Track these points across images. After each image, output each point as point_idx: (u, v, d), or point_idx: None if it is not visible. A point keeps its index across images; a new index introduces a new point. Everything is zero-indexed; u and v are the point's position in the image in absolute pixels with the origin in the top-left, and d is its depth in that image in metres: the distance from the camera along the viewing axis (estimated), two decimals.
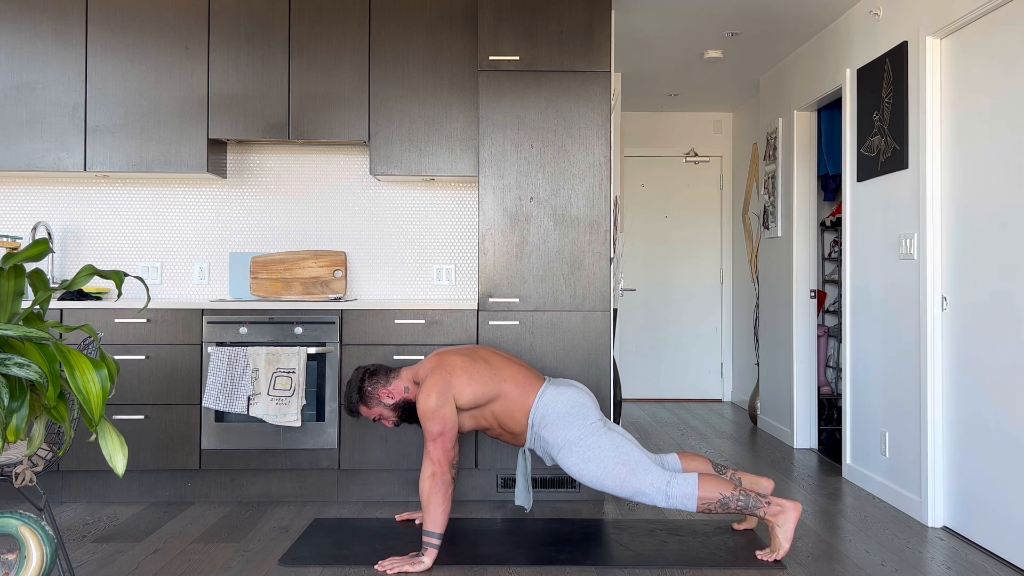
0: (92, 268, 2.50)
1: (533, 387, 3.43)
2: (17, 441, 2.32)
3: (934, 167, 3.81)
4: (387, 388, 3.49)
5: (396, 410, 3.50)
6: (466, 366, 3.42)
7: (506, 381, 3.42)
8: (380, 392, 3.48)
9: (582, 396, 3.43)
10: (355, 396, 3.49)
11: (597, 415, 3.42)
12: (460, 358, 3.45)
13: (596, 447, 3.31)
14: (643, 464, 3.28)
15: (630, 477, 3.26)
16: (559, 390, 3.42)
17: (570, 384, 3.50)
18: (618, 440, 3.34)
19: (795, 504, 3.24)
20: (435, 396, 3.32)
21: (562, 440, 3.34)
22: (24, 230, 4.69)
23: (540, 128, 4.20)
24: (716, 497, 3.21)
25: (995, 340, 3.37)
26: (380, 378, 3.50)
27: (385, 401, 3.48)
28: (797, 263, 5.52)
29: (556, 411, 3.37)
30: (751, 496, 3.22)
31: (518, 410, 3.41)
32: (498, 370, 3.44)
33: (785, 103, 5.77)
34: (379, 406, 3.49)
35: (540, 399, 3.40)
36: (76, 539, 3.52)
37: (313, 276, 4.62)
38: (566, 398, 3.40)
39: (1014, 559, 3.25)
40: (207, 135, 4.34)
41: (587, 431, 3.34)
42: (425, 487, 3.19)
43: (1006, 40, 3.32)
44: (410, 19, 4.37)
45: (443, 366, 3.41)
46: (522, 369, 3.50)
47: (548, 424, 3.36)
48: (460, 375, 3.39)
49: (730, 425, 6.33)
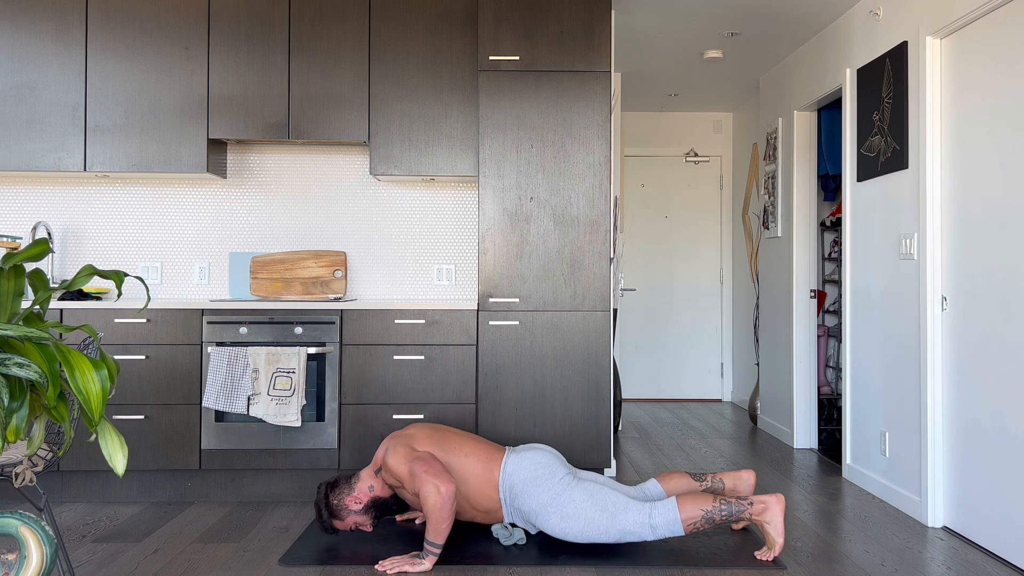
0: (92, 268, 2.50)
1: (495, 460, 3.42)
2: (17, 441, 2.32)
3: (934, 167, 3.81)
4: (352, 495, 3.46)
5: (368, 512, 3.48)
6: (425, 433, 3.44)
7: (467, 456, 3.40)
8: (346, 501, 3.45)
9: (544, 456, 3.41)
10: (325, 513, 3.45)
11: (564, 470, 3.39)
12: (417, 429, 3.47)
13: (571, 502, 3.28)
14: (621, 504, 3.26)
15: (612, 521, 3.24)
16: (520, 456, 3.41)
17: (529, 448, 3.48)
18: (590, 488, 3.31)
19: (777, 497, 3.24)
20: (402, 450, 3.33)
21: (536, 505, 3.32)
22: (24, 230, 4.69)
23: (540, 128, 4.20)
24: (699, 515, 3.20)
25: (995, 340, 3.37)
26: (342, 488, 3.47)
27: (354, 507, 3.46)
28: (797, 263, 5.52)
29: (522, 479, 3.35)
30: (732, 503, 3.22)
31: (486, 486, 3.39)
32: (458, 445, 3.43)
33: (785, 103, 5.77)
34: (350, 515, 3.46)
35: (504, 470, 3.38)
36: (76, 539, 3.52)
37: (313, 276, 4.62)
38: (528, 463, 3.38)
39: (1014, 559, 3.25)
40: (207, 135, 4.34)
41: (557, 489, 3.31)
42: (431, 501, 3.16)
43: (1006, 40, 3.33)
44: (410, 19, 4.37)
45: (400, 436, 3.43)
46: (480, 443, 3.47)
47: (518, 494, 3.35)
48: (421, 441, 3.40)
49: (730, 425, 6.33)
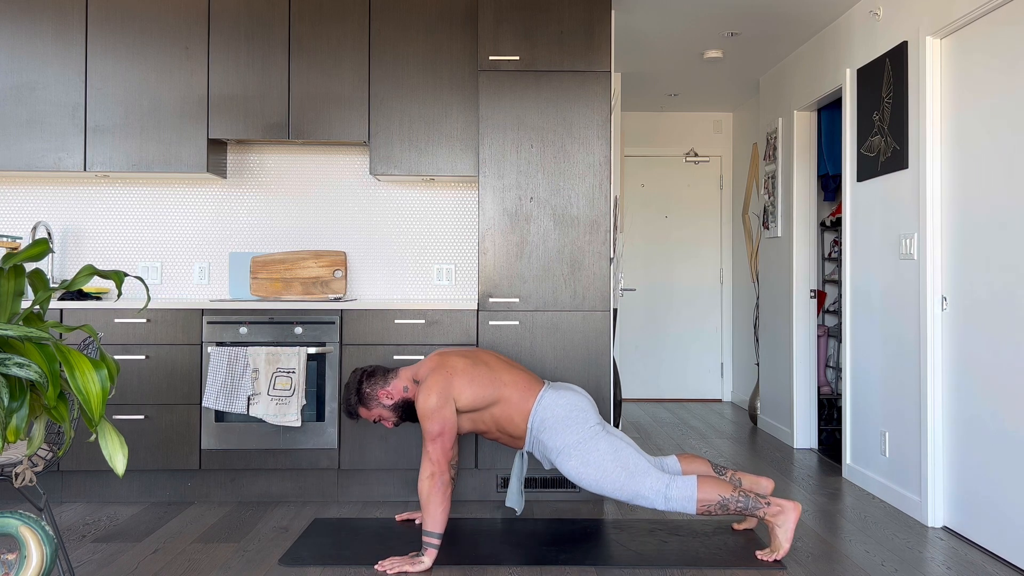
0: (92, 268, 2.50)
1: (532, 391, 3.43)
2: (17, 441, 2.32)
3: (934, 167, 3.81)
4: (386, 388, 3.47)
5: (396, 410, 3.48)
6: (467, 368, 3.41)
7: (506, 385, 3.41)
8: (379, 393, 3.46)
9: (581, 400, 3.43)
10: (353, 398, 3.47)
11: (596, 419, 3.41)
12: (461, 360, 3.44)
13: (595, 451, 3.30)
14: (642, 467, 3.28)
15: (629, 480, 3.26)
16: (558, 394, 3.42)
17: (569, 388, 3.49)
18: (617, 444, 3.33)
19: (795, 504, 3.24)
20: (435, 396, 3.31)
21: (561, 444, 3.33)
22: (24, 230, 4.69)
23: (540, 128, 4.20)
24: (715, 499, 3.21)
25: (995, 340, 3.37)
26: (378, 379, 3.48)
27: (384, 402, 3.47)
28: (797, 263, 5.52)
29: (555, 415, 3.36)
30: (750, 497, 3.22)
31: (517, 414, 3.40)
32: (498, 374, 3.43)
33: (785, 103, 5.77)
34: (378, 407, 3.47)
35: (539, 403, 3.39)
36: (76, 539, 3.52)
37: (313, 276, 4.62)
38: (565, 402, 3.39)
39: (1014, 559, 3.25)
40: (207, 135, 4.34)
41: (586, 435, 3.33)
42: (424, 487, 3.19)
43: (1006, 40, 3.32)
44: (410, 19, 4.37)
45: (444, 367, 3.40)
46: (522, 373, 3.49)
47: (547, 428, 3.36)
48: (461, 377, 3.38)
49: (730, 425, 6.33)
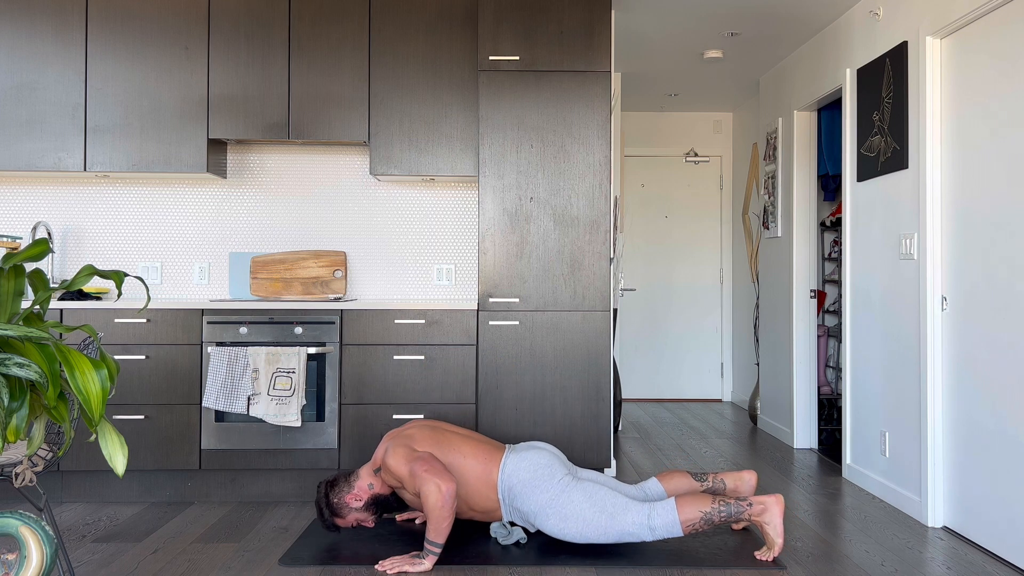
0: (92, 268, 2.50)
1: (494, 460, 3.41)
2: (17, 441, 2.32)
3: (934, 167, 3.81)
4: (352, 492, 3.46)
5: (368, 509, 3.48)
6: (425, 432, 3.44)
7: (466, 457, 3.40)
8: (347, 499, 3.45)
9: (542, 456, 3.40)
10: (326, 512, 3.45)
11: (563, 471, 3.38)
12: (417, 429, 3.47)
13: (569, 503, 3.28)
14: (620, 505, 3.26)
15: (611, 522, 3.24)
16: (519, 457, 3.40)
17: (529, 447, 3.47)
18: (589, 489, 3.31)
19: (777, 498, 3.24)
20: (402, 450, 3.33)
21: (535, 506, 3.32)
22: (24, 230, 4.69)
23: (540, 128, 4.20)
24: (698, 516, 3.20)
25: (995, 340, 3.37)
26: (341, 486, 3.47)
27: (354, 505, 3.46)
28: (797, 263, 5.52)
29: (521, 480, 3.35)
30: (731, 504, 3.22)
31: (484, 486, 3.38)
32: (457, 446, 3.43)
33: (785, 103, 5.77)
34: (351, 512, 3.46)
35: (503, 471, 3.38)
36: (76, 539, 3.52)
37: (313, 276, 4.62)
38: (527, 464, 3.37)
39: (1014, 559, 3.25)
40: (207, 135, 4.34)
41: (557, 490, 3.31)
42: (431, 500, 3.16)
43: (1006, 40, 3.32)
44: (410, 19, 4.37)
45: (399, 436, 3.43)
46: (479, 443, 3.47)
47: (516, 495, 3.35)
48: (420, 441, 3.40)
49: (730, 425, 6.33)
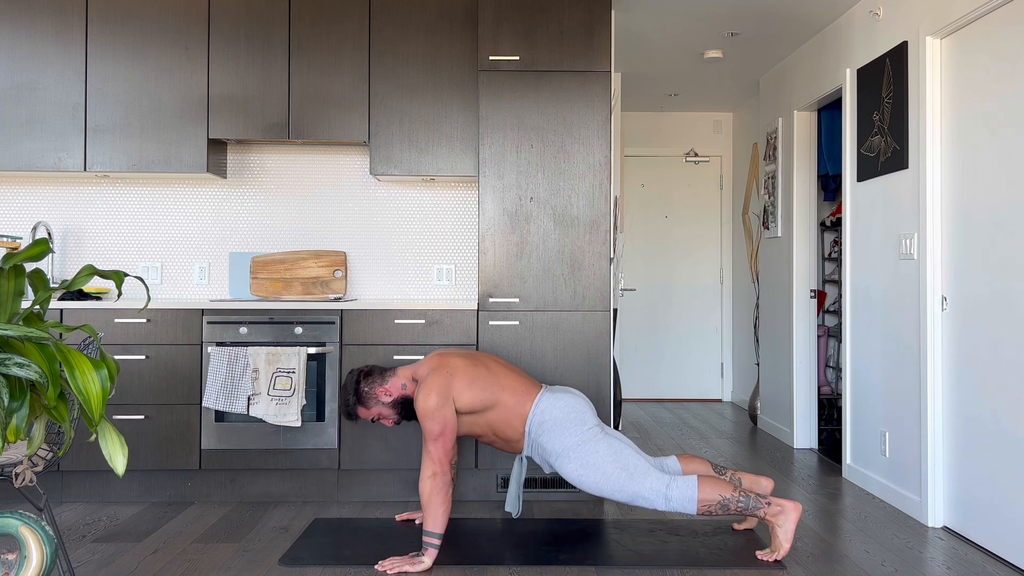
0: (92, 268, 2.50)
1: (530, 394, 3.42)
2: (17, 441, 2.32)
3: (934, 167, 3.81)
4: (384, 386, 3.46)
5: (395, 408, 3.48)
6: (467, 369, 3.41)
7: (504, 389, 3.41)
8: (377, 391, 3.45)
9: (579, 402, 3.42)
10: (351, 397, 3.46)
11: (594, 420, 3.40)
12: (461, 360, 3.44)
13: (594, 452, 3.30)
14: (642, 468, 3.27)
15: (629, 481, 3.26)
16: (555, 396, 3.41)
17: (566, 391, 3.49)
18: (616, 445, 3.33)
19: (795, 504, 3.24)
20: (435, 396, 3.31)
21: (560, 447, 3.33)
22: (24, 230, 4.69)
23: (540, 128, 4.20)
24: (716, 499, 3.21)
25: (995, 340, 3.37)
26: (376, 377, 3.47)
27: (383, 399, 3.45)
28: (797, 263, 5.52)
29: (553, 418, 3.36)
30: (751, 497, 3.22)
31: (514, 417, 3.39)
32: (497, 377, 3.43)
33: (785, 103, 5.77)
34: (377, 405, 3.46)
35: (537, 406, 3.39)
36: (76, 539, 3.52)
37: (313, 276, 4.62)
38: (563, 404, 3.39)
39: (1014, 559, 3.25)
40: (207, 135, 4.34)
41: (585, 436, 3.33)
42: (426, 487, 3.19)
43: (1006, 40, 3.32)
44: (410, 19, 4.37)
45: (444, 367, 3.40)
46: (520, 377, 3.48)
47: (545, 431, 3.35)
48: (461, 378, 3.37)
49: (730, 425, 6.33)
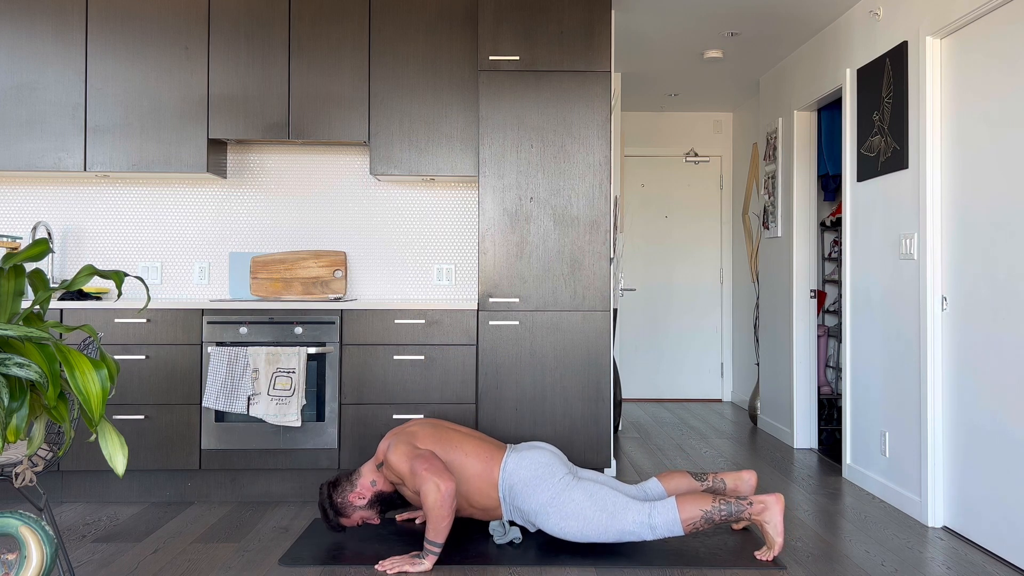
0: (92, 268, 2.50)
1: (495, 459, 3.42)
2: (17, 441, 2.32)
3: (934, 167, 3.81)
4: (355, 491, 3.46)
5: (373, 507, 3.48)
6: (428, 431, 3.44)
7: (468, 456, 3.41)
8: (350, 498, 3.45)
9: (543, 456, 3.42)
10: (331, 513, 3.44)
11: (564, 470, 3.39)
12: (419, 426, 3.48)
13: (570, 502, 3.29)
14: (621, 504, 3.27)
15: (611, 521, 3.25)
16: (520, 456, 3.41)
17: (530, 447, 3.49)
18: (590, 488, 3.32)
19: (777, 497, 3.24)
20: (404, 447, 3.34)
21: (536, 504, 3.33)
22: (24, 230, 4.69)
23: (540, 128, 4.20)
24: (698, 515, 3.20)
25: (995, 340, 3.37)
26: (344, 486, 3.47)
27: (358, 504, 3.45)
28: (797, 263, 5.52)
29: (522, 479, 3.36)
30: (731, 503, 3.22)
31: (486, 484, 3.39)
32: (459, 444, 3.44)
33: (785, 103, 5.77)
34: (356, 511, 3.46)
35: (504, 471, 3.39)
36: (76, 539, 3.52)
37: (313, 276, 4.62)
38: (528, 463, 3.38)
39: (1014, 559, 3.25)
40: (207, 135, 4.34)
41: (557, 489, 3.32)
42: (431, 499, 3.16)
43: (1006, 40, 3.32)
44: (410, 19, 4.37)
45: (402, 434, 3.43)
46: (482, 442, 3.48)
47: (517, 493, 3.36)
48: (423, 439, 3.41)
49: (730, 425, 6.33)
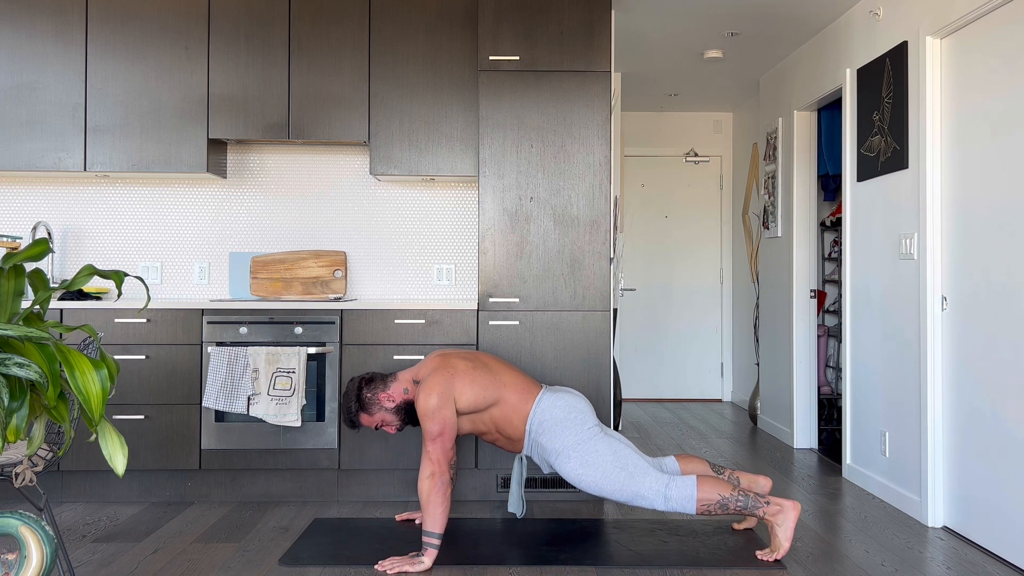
0: (92, 268, 2.50)
1: (531, 394, 3.43)
2: (17, 441, 2.32)
3: (934, 167, 3.81)
4: (386, 392, 3.44)
5: (398, 413, 3.46)
6: (468, 370, 3.41)
7: (506, 387, 3.42)
8: (380, 396, 3.43)
9: (579, 402, 3.44)
10: (354, 405, 3.43)
11: (594, 420, 3.42)
12: (463, 361, 3.45)
13: (594, 452, 3.31)
14: (641, 468, 3.28)
15: (628, 481, 3.26)
16: (556, 396, 3.43)
17: (567, 391, 3.50)
18: (616, 444, 3.34)
19: (794, 503, 3.25)
20: (436, 396, 3.31)
21: (560, 445, 3.34)
22: (24, 230, 4.69)
23: (540, 128, 4.20)
24: (715, 498, 3.21)
25: (995, 340, 3.37)
26: (378, 383, 3.45)
27: (386, 405, 3.44)
28: (797, 263, 5.52)
29: (553, 416, 3.37)
30: (750, 496, 3.23)
31: (516, 416, 3.41)
32: (498, 376, 3.44)
33: (785, 103, 5.77)
34: (380, 411, 3.44)
35: (538, 405, 3.40)
36: (76, 539, 3.52)
37: (313, 276, 4.62)
38: (563, 403, 3.40)
39: (1014, 559, 3.25)
40: (207, 135, 4.34)
41: (584, 436, 3.34)
42: (424, 487, 3.19)
43: (1006, 40, 3.32)
44: (410, 19, 4.37)
45: (446, 367, 3.40)
46: (521, 376, 3.50)
47: (546, 430, 3.36)
48: (462, 378, 3.38)
49: (730, 425, 6.33)
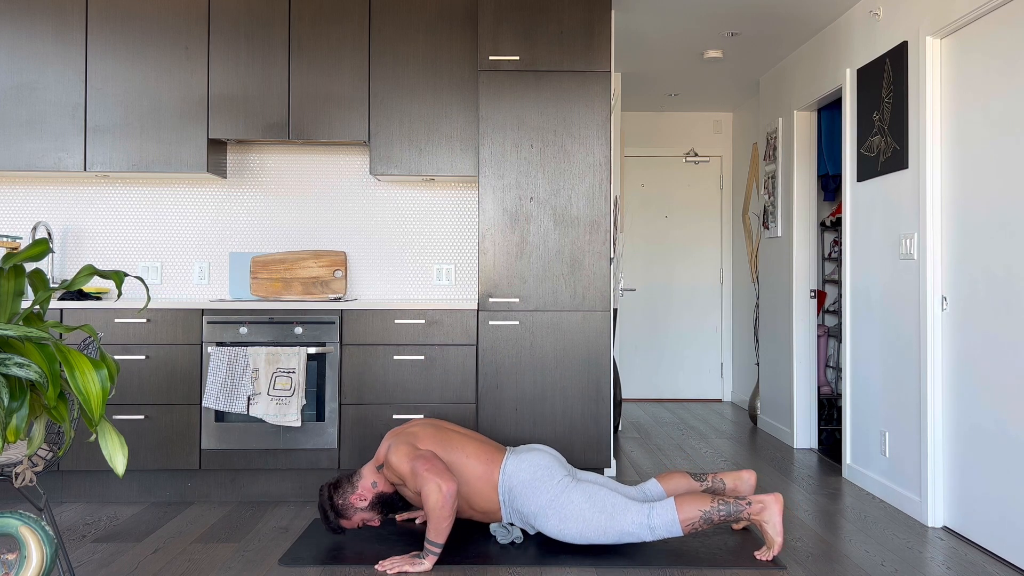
0: (92, 268, 2.50)
1: (495, 461, 3.42)
2: (17, 441, 2.32)
3: (934, 167, 3.81)
4: (356, 493, 3.45)
5: (374, 508, 3.48)
6: (431, 434, 3.44)
7: (469, 457, 3.40)
8: (351, 500, 3.44)
9: (542, 458, 3.41)
10: (331, 515, 3.44)
11: (563, 472, 3.39)
12: (420, 427, 3.47)
13: (569, 503, 3.29)
14: (620, 505, 3.26)
15: (610, 522, 3.24)
16: (519, 459, 3.41)
17: (529, 449, 3.49)
18: (589, 489, 3.32)
19: (775, 496, 3.24)
20: (405, 447, 3.33)
21: (535, 507, 3.33)
22: (24, 230, 4.69)
23: (540, 128, 4.20)
24: (697, 515, 3.20)
25: (995, 340, 3.37)
26: (345, 487, 3.46)
27: (359, 505, 3.45)
28: (797, 263, 5.52)
29: (521, 481, 3.35)
30: (731, 503, 3.22)
31: (486, 487, 3.39)
32: (460, 446, 3.43)
33: (785, 103, 5.77)
34: (357, 513, 3.46)
35: (503, 473, 3.39)
36: (76, 539, 3.52)
37: (313, 276, 4.63)
38: (527, 465, 3.38)
39: (1014, 559, 3.25)
40: (207, 135, 4.34)
41: (556, 491, 3.32)
42: (432, 500, 3.16)
43: (1006, 40, 3.33)
44: (410, 19, 4.37)
45: (403, 434, 3.43)
46: (482, 444, 3.48)
47: (517, 495, 3.36)
48: (423, 440, 3.40)
49: (730, 425, 6.33)
